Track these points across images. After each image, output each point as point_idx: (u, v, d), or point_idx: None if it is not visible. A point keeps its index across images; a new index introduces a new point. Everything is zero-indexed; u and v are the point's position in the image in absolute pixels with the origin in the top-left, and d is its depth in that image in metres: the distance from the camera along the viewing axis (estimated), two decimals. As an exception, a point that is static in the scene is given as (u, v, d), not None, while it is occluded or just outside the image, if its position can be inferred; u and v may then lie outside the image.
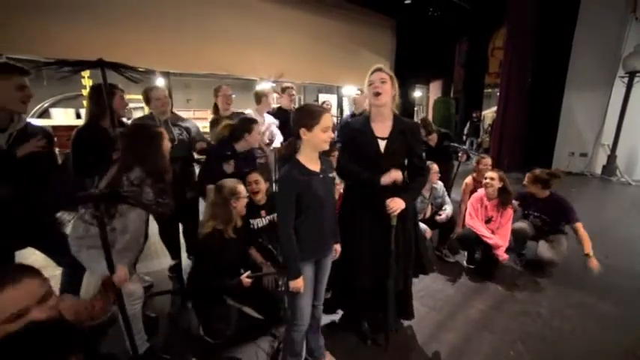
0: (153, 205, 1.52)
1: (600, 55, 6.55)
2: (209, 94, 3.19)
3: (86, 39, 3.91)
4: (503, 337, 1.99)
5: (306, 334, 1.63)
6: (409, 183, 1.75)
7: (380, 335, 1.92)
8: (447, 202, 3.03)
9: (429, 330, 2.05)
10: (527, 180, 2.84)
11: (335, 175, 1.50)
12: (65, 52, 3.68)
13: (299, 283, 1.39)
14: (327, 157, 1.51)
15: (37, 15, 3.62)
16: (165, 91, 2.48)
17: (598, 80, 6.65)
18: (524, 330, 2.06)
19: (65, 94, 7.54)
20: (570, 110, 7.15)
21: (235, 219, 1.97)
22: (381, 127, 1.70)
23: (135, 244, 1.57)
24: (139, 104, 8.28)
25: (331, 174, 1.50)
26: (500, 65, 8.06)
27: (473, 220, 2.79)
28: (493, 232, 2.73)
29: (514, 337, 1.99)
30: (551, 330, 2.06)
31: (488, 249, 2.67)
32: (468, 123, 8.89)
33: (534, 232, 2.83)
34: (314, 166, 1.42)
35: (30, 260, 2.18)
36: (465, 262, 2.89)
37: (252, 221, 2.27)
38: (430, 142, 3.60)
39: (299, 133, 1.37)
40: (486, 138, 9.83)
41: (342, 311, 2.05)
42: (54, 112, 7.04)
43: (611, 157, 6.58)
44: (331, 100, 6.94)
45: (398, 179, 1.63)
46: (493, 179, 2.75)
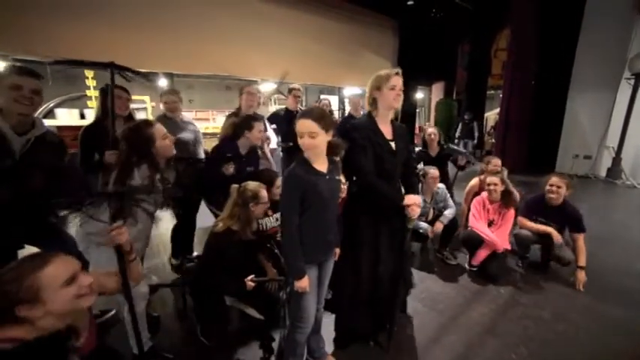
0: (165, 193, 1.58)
1: (605, 57, 6.49)
2: (211, 94, 3.20)
3: (90, 40, 3.94)
4: (505, 340, 1.98)
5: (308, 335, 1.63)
6: (407, 183, 1.82)
7: (381, 335, 1.91)
8: (450, 205, 3.00)
9: (430, 332, 2.04)
10: (566, 186, 2.65)
11: (341, 177, 1.50)
12: (68, 54, 3.71)
13: (304, 282, 1.38)
14: (334, 159, 1.50)
15: (41, 16, 3.64)
16: (176, 96, 2.72)
17: (603, 82, 6.59)
18: (527, 334, 2.04)
19: (70, 94, 7.61)
20: (574, 112, 7.10)
21: (253, 223, 1.98)
22: (386, 130, 1.72)
23: (143, 236, 1.58)
24: (141, 105, 8.38)
25: (338, 176, 1.49)
26: (503, 67, 8.04)
27: (476, 222, 2.79)
28: (495, 235, 2.71)
29: (517, 340, 1.97)
30: (555, 334, 2.04)
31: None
32: (459, 124, 8.39)
33: (537, 237, 2.80)
34: (321, 166, 1.41)
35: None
36: (467, 265, 2.88)
37: (260, 221, 2.25)
38: (430, 152, 3.68)
39: None
40: (489, 140, 9.79)
41: (343, 313, 2.04)
42: (59, 112, 7.10)
43: (616, 160, 6.52)
44: (333, 101, 6.95)
45: (418, 203, 1.65)
46: (496, 184, 2.76)
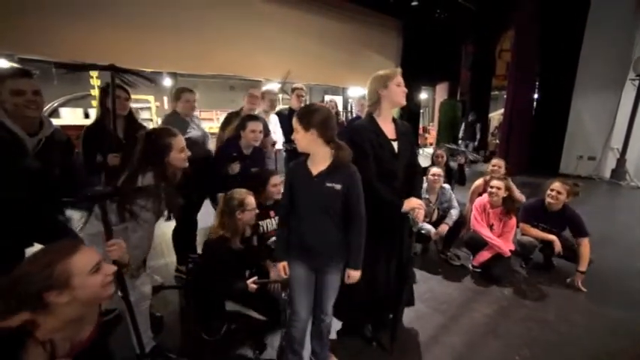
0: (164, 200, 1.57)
1: (610, 57, 6.45)
2: (215, 94, 3.21)
3: (94, 40, 3.96)
4: (508, 342, 1.97)
5: (311, 340, 1.66)
6: (410, 185, 1.78)
7: (384, 337, 1.91)
8: (455, 206, 3.00)
9: (433, 333, 2.04)
10: (567, 193, 2.61)
11: (339, 188, 1.36)
12: (74, 53, 3.74)
13: (280, 266, 1.50)
14: (344, 166, 1.38)
15: (46, 16, 3.66)
16: (195, 95, 2.66)
17: (608, 82, 6.55)
18: (530, 335, 2.03)
19: (74, 94, 7.67)
20: (579, 113, 7.06)
21: (242, 230, 1.98)
22: (389, 129, 1.70)
23: (145, 241, 1.59)
24: (146, 104, 8.43)
25: (334, 184, 1.36)
26: (508, 67, 8.00)
27: (478, 224, 2.78)
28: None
29: (520, 342, 1.96)
30: (559, 335, 2.03)
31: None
32: (462, 125, 8.41)
33: (540, 243, 2.77)
34: (314, 167, 1.39)
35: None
36: (471, 266, 2.87)
37: (260, 223, 2.25)
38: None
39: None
40: (493, 141, 9.75)
41: (345, 320, 2.01)
42: (63, 111, 7.16)
43: (621, 161, 6.47)
44: (337, 101, 6.95)
45: (420, 207, 1.61)
46: (499, 189, 2.71)
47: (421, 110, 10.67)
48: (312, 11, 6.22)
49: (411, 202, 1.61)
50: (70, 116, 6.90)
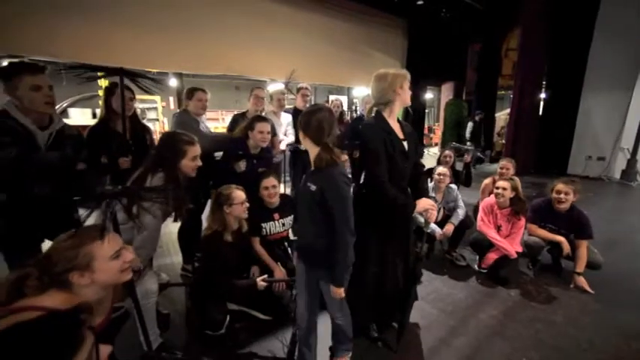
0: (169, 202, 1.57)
1: (620, 56, 6.34)
2: (220, 94, 3.23)
3: (100, 41, 3.99)
4: (515, 344, 1.95)
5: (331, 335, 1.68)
6: (417, 185, 1.78)
7: (390, 336, 1.91)
8: (460, 205, 2.97)
9: (439, 334, 2.02)
10: (573, 192, 2.58)
11: (314, 189, 1.33)
12: (80, 54, 3.78)
13: None
14: (323, 170, 1.34)
15: (52, 17, 3.71)
16: (208, 95, 2.68)
17: (618, 81, 6.44)
18: (537, 337, 2.01)
19: (83, 94, 7.77)
20: (588, 112, 6.95)
21: (231, 224, 2.00)
22: (397, 129, 1.69)
23: (150, 242, 1.61)
24: (152, 104, 8.50)
25: (311, 185, 1.35)
26: (514, 67, 7.91)
27: (484, 225, 2.75)
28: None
29: (527, 344, 1.94)
30: (567, 338, 2.01)
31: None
32: (470, 125, 8.23)
33: (547, 244, 2.73)
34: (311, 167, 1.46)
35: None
36: (477, 267, 2.84)
37: (264, 225, 2.26)
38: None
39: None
40: (500, 141, 9.65)
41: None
42: (72, 111, 7.27)
43: (631, 162, 6.36)
44: (343, 101, 6.94)
45: (433, 210, 1.60)
46: (505, 189, 2.67)
47: (427, 110, 10.60)
48: (317, 11, 6.22)
49: (424, 202, 1.61)
50: (79, 116, 7.01)
